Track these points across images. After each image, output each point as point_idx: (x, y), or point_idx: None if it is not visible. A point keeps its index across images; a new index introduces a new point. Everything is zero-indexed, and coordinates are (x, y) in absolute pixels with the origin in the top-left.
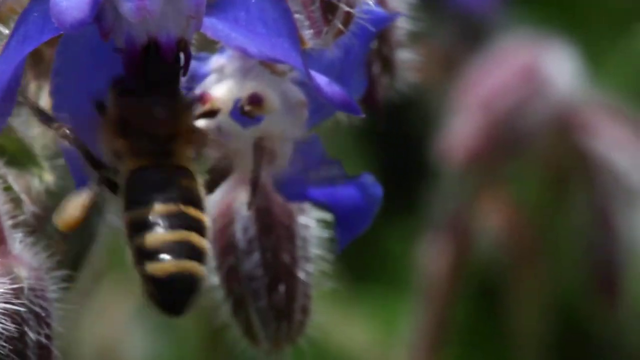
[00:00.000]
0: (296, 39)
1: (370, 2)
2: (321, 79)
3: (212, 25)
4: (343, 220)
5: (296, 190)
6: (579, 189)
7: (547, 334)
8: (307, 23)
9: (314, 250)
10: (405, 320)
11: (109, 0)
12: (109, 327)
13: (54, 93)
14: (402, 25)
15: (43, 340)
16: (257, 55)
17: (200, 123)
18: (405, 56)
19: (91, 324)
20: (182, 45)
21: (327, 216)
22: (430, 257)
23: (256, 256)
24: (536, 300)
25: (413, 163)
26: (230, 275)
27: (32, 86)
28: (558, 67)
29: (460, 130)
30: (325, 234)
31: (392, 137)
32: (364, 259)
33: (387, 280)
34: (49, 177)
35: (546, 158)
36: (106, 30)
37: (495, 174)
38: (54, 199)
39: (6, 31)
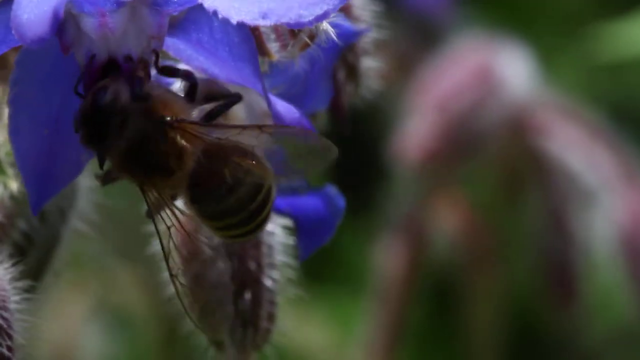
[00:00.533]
0: (257, 63)
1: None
2: (281, 105)
3: (174, 45)
4: (306, 231)
5: None
6: (533, 190)
7: (502, 335)
8: (273, 36)
9: (280, 257)
10: (361, 321)
11: (72, 14)
12: (64, 326)
13: (12, 102)
14: (368, 34)
15: (5, 352)
16: (218, 77)
17: None
18: (370, 64)
19: (46, 323)
20: (141, 64)
21: (292, 223)
22: (385, 258)
23: (222, 263)
24: (491, 300)
25: (368, 164)
26: (196, 282)
27: None
28: (512, 68)
29: (415, 131)
30: (291, 241)
31: (347, 137)
32: (320, 260)
33: (343, 280)
34: (13, 184)
35: (501, 159)
36: (67, 45)
37: (450, 175)
38: (18, 205)
39: None
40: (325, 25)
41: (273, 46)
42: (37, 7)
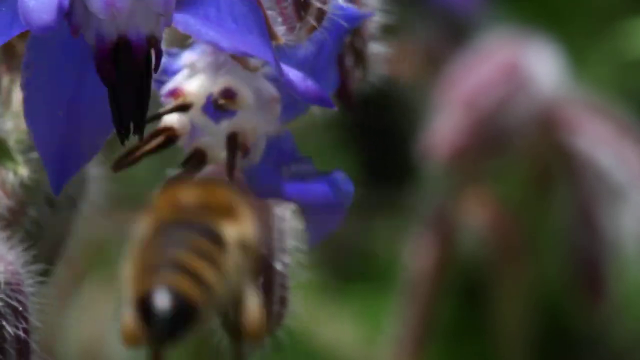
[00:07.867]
0: (266, 34)
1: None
2: (293, 74)
3: (184, 21)
4: (314, 217)
5: (267, 185)
6: (562, 187)
7: (531, 331)
8: (279, 19)
9: (291, 242)
10: (390, 318)
11: None
12: (93, 325)
13: (26, 85)
14: (375, 19)
15: (21, 334)
16: (228, 49)
17: (173, 118)
18: (377, 49)
19: (75, 321)
20: (152, 42)
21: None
22: (415, 254)
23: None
24: (520, 297)
25: (397, 161)
26: None
27: (4, 80)
28: (541, 65)
29: (444, 127)
30: (301, 225)
31: (377, 134)
32: (349, 257)
33: (372, 277)
34: (23, 171)
35: (530, 155)
36: (76, 27)
37: (479, 172)
38: (28, 192)
39: None
40: (331, 7)
41: (280, 29)
42: None
